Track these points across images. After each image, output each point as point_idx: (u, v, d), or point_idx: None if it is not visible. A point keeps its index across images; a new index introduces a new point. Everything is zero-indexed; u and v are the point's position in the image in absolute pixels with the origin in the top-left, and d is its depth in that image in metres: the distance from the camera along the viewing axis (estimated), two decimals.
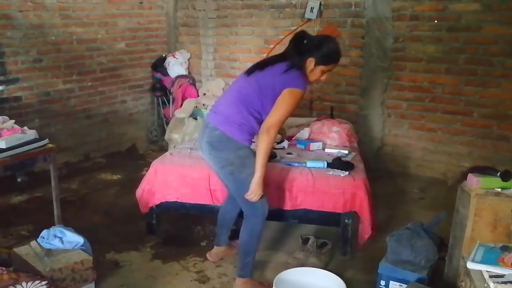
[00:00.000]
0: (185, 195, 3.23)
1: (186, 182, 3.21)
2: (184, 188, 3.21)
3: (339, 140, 3.81)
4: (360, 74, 4.81)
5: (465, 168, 4.11)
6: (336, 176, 3.09)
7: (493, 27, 4.07)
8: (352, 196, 3.00)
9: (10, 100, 4.34)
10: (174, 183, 3.23)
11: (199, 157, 3.26)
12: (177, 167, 3.28)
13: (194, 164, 3.28)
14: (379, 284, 2.60)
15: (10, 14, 4.26)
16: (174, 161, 3.39)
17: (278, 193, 3.07)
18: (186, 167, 3.27)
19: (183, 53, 5.75)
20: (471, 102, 4.29)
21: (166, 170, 3.28)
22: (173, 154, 3.52)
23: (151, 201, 3.30)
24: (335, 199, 3.01)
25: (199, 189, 3.18)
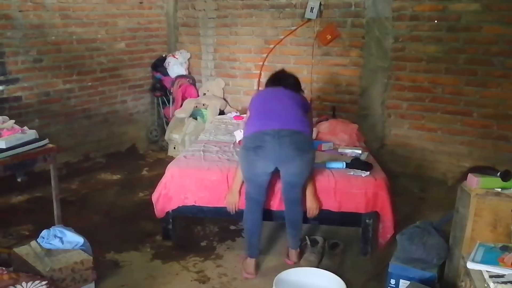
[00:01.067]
0: (203, 199, 3.16)
1: (204, 185, 3.15)
2: (202, 191, 3.15)
3: (349, 140, 3.81)
4: (360, 74, 4.81)
5: (465, 168, 4.10)
6: (357, 177, 3.09)
7: (493, 27, 4.07)
8: (374, 196, 3.02)
9: (10, 100, 4.34)
10: (191, 187, 3.17)
11: (214, 159, 3.37)
12: (195, 170, 3.22)
13: (212, 167, 3.23)
14: (389, 283, 2.59)
15: (10, 14, 4.25)
16: (190, 164, 3.31)
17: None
18: (204, 170, 3.21)
19: (183, 53, 5.75)
20: (471, 102, 4.29)
21: (183, 173, 3.21)
22: (187, 157, 3.44)
23: (168, 205, 3.22)
24: (357, 200, 3.02)
25: (217, 192, 3.12)
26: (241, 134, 3.77)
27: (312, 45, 4.97)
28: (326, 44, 4.87)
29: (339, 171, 3.17)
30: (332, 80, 4.98)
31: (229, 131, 4.23)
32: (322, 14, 4.86)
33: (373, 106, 4.77)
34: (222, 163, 3.30)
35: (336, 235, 3.41)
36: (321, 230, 3.49)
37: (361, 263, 3.11)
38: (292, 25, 5.07)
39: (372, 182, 3.04)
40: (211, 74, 5.78)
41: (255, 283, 2.89)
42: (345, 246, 3.26)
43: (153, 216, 3.71)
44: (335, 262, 3.03)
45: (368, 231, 3.11)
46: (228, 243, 3.37)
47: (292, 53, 5.16)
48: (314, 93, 5.10)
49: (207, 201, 3.16)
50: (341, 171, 3.17)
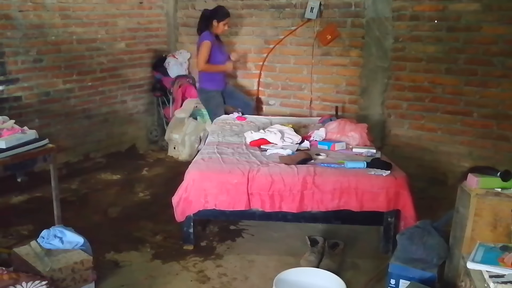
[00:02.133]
0: (223, 202, 3.11)
1: (225, 188, 3.09)
2: (222, 194, 3.10)
3: (360, 140, 3.81)
4: (360, 74, 4.81)
5: (465, 168, 4.10)
6: (378, 176, 3.10)
7: (493, 27, 4.07)
8: (396, 195, 3.06)
9: (10, 100, 4.34)
10: (212, 190, 3.11)
11: (233, 162, 3.32)
12: (216, 174, 3.15)
13: (233, 170, 3.17)
14: (389, 283, 2.59)
15: (10, 14, 4.25)
16: (210, 167, 3.24)
17: (321, 195, 3.06)
18: (225, 173, 3.15)
19: (183, 53, 5.75)
20: (471, 102, 4.29)
21: (204, 177, 3.14)
22: (205, 160, 3.37)
23: (188, 209, 3.15)
24: (379, 199, 3.05)
25: (237, 194, 3.08)
26: (252, 135, 3.83)
27: (312, 45, 4.97)
28: (326, 44, 4.87)
29: (359, 171, 3.17)
30: (332, 80, 4.98)
31: (236, 132, 4.20)
32: (322, 14, 4.86)
33: (373, 106, 4.77)
34: (243, 165, 3.24)
35: (336, 235, 3.41)
36: (321, 230, 3.49)
37: (361, 263, 3.11)
38: (292, 25, 5.07)
39: (393, 181, 3.07)
40: None
41: (255, 283, 2.89)
42: (345, 246, 3.26)
43: (153, 216, 3.72)
44: (335, 262, 3.03)
45: (390, 229, 3.16)
46: (228, 243, 3.37)
47: (292, 53, 5.16)
48: (314, 93, 5.11)
49: (227, 205, 3.11)
50: (361, 171, 3.17)
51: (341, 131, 3.88)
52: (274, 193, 3.07)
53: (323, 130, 3.97)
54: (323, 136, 3.90)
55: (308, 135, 3.97)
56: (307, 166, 3.20)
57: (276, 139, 3.75)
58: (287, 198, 3.07)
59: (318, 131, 3.98)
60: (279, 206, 3.09)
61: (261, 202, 3.09)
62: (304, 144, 3.77)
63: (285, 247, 3.28)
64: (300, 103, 5.23)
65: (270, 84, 5.41)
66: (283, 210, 3.10)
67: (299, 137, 3.83)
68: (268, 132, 3.87)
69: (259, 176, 3.09)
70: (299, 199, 3.06)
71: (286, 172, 3.13)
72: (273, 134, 3.81)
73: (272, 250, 3.25)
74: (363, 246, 3.33)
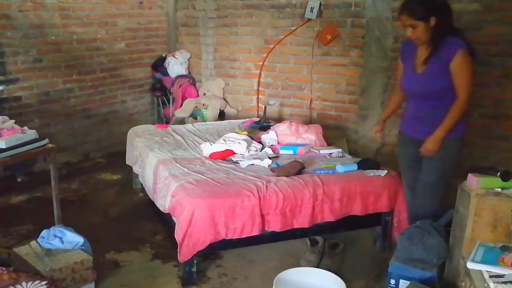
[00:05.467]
0: (235, 230, 2.77)
1: (235, 213, 2.75)
2: (233, 221, 2.76)
3: (317, 141, 3.75)
4: (360, 74, 4.80)
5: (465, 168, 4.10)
6: (378, 177, 3.11)
7: (493, 27, 4.06)
8: (395, 194, 3.10)
9: (10, 100, 4.34)
10: (221, 218, 2.73)
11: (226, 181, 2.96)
12: (222, 199, 2.76)
13: (239, 191, 2.83)
14: (389, 283, 2.59)
15: (10, 14, 4.26)
16: (210, 191, 2.82)
17: (330, 204, 2.96)
18: (232, 195, 2.79)
19: (183, 53, 5.75)
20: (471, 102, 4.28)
21: (209, 204, 2.73)
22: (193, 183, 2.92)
23: (197, 246, 2.73)
24: (381, 200, 3.07)
25: (250, 218, 2.77)
26: (212, 147, 3.52)
27: (312, 45, 4.97)
28: (326, 44, 4.87)
29: (358, 174, 3.13)
30: (332, 80, 4.98)
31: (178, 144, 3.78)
32: (322, 14, 4.86)
33: (373, 106, 4.77)
34: (245, 184, 2.92)
35: (336, 235, 3.41)
36: None
37: (361, 263, 3.11)
38: (292, 25, 5.07)
39: (392, 180, 3.11)
40: (211, 74, 5.78)
41: (255, 283, 2.89)
42: (345, 246, 3.26)
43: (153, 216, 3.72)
44: (335, 262, 3.03)
45: (387, 227, 3.19)
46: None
47: (292, 53, 5.16)
48: (314, 93, 5.10)
49: (240, 232, 2.78)
50: (359, 174, 3.14)
51: (296, 134, 3.76)
52: (286, 210, 2.86)
53: (274, 133, 3.80)
54: (275, 139, 3.75)
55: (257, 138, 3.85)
56: (310, 176, 3.05)
57: (242, 149, 3.50)
58: (298, 214, 2.90)
59: (268, 134, 3.81)
60: (291, 224, 2.90)
61: (274, 223, 2.86)
62: (267, 151, 3.58)
63: (285, 247, 3.28)
64: (300, 103, 5.23)
65: (270, 84, 5.41)
66: (294, 227, 2.92)
67: (260, 145, 3.66)
68: (230, 142, 3.55)
69: (269, 195, 2.83)
70: (311, 213, 2.92)
71: (294, 186, 2.92)
72: (238, 143, 3.53)
73: (272, 250, 3.25)
74: (363, 246, 3.33)
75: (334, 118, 5.04)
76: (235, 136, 3.66)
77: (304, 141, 3.73)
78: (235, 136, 3.68)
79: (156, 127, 4.34)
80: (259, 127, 4.26)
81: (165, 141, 3.85)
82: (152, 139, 3.88)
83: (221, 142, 3.58)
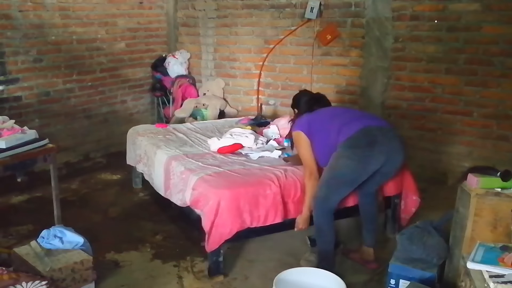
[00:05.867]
0: (259, 218, 2.84)
1: (259, 202, 2.83)
2: (257, 209, 2.83)
3: None
4: (360, 74, 4.81)
5: (465, 168, 4.10)
6: None
7: (493, 27, 4.07)
8: (402, 178, 3.26)
9: (10, 100, 4.34)
10: (246, 207, 2.80)
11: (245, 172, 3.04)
12: (246, 188, 2.84)
13: (260, 180, 2.92)
14: (389, 283, 2.59)
15: (10, 14, 4.26)
16: (233, 181, 2.90)
17: None
18: (255, 184, 2.88)
19: (183, 53, 5.75)
20: (471, 102, 4.29)
21: (234, 194, 2.79)
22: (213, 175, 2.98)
23: (225, 234, 2.78)
24: (394, 184, 3.22)
25: (273, 206, 2.85)
26: (220, 141, 3.58)
27: (312, 45, 4.97)
28: (326, 44, 4.87)
29: None
30: (332, 80, 4.98)
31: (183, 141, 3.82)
32: (322, 14, 4.86)
33: (373, 106, 4.77)
34: (263, 173, 3.01)
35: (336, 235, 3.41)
36: None
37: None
38: (292, 25, 5.07)
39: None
40: (211, 74, 5.78)
41: (255, 283, 2.89)
42: (345, 246, 3.25)
43: (153, 216, 3.72)
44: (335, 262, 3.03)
45: (396, 210, 3.35)
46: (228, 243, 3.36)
47: (292, 53, 5.16)
48: None
49: (264, 220, 2.85)
50: None
51: None
52: (301, 198, 2.93)
53: (275, 127, 3.92)
54: (277, 133, 3.87)
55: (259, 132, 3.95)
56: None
57: (250, 142, 3.60)
58: None
59: (270, 129, 3.93)
60: None
61: (293, 210, 2.94)
62: (272, 143, 3.68)
63: (285, 247, 3.28)
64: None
65: (270, 84, 5.41)
66: None
67: (265, 138, 3.79)
68: (237, 136, 3.64)
69: (288, 183, 2.93)
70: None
71: None
72: (245, 137, 3.62)
73: (272, 250, 3.25)
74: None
75: None
76: (241, 131, 3.75)
77: None
78: (241, 130, 3.77)
79: (156, 126, 4.33)
80: (257, 124, 4.30)
81: (169, 139, 3.86)
82: (156, 138, 3.89)
83: (228, 137, 3.65)
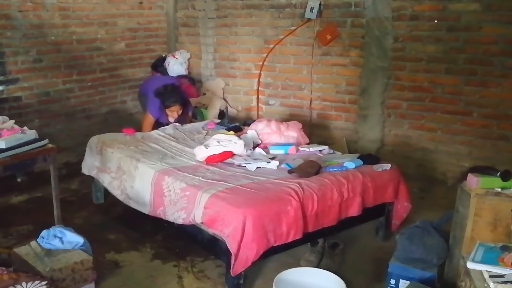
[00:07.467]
0: (282, 235, 2.72)
1: (281, 219, 2.70)
2: (280, 227, 2.70)
3: (300, 138, 3.76)
4: (360, 74, 4.81)
5: (465, 168, 4.10)
6: (384, 171, 3.27)
7: (493, 27, 4.07)
8: (398, 184, 3.30)
9: (10, 100, 4.34)
10: (270, 226, 2.66)
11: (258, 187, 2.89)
12: (268, 205, 2.70)
13: (280, 196, 2.78)
14: (389, 283, 2.59)
15: (10, 14, 4.26)
16: (251, 198, 2.74)
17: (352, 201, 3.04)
18: (275, 201, 2.74)
19: (183, 53, 5.75)
20: (471, 102, 4.29)
21: (258, 212, 2.63)
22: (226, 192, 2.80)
23: (252, 256, 2.62)
24: (387, 191, 3.25)
25: (294, 222, 2.74)
26: (208, 150, 3.33)
27: (312, 45, 4.97)
28: (326, 44, 4.87)
29: (366, 169, 3.22)
30: (332, 80, 4.98)
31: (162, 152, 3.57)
32: (322, 14, 4.86)
33: (373, 106, 4.77)
34: (277, 186, 2.89)
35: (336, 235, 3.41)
36: None
37: (361, 263, 3.11)
38: (292, 25, 5.07)
39: (396, 173, 3.31)
40: (211, 74, 5.79)
41: (255, 283, 2.89)
42: (345, 246, 3.26)
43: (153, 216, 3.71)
44: (335, 262, 3.03)
45: (389, 217, 3.37)
46: None
47: (292, 53, 5.16)
48: (314, 93, 5.10)
49: (286, 237, 2.74)
50: (367, 169, 3.23)
51: (278, 131, 3.73)
52: (318, 212, 2.87)
53: (254, 132, 3.74)
54: (256, 137, 3.71)
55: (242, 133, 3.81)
56: (332, 175, 3.07)
57: (240, 149, 3.37)
58: (328, 213, 2.93)
59: (248, 134, 3.73)
60: (322, 223, 2.93)
61: (309, 224, 2.86)
62: (260, 151, 3.50)
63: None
64: (300, 103, 5.23)
65: (270, 84, 5.41)
66: (324, 226, 2.96)
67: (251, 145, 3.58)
68: (225, 143, 3.38)
69: (306, 197, 2.83)
70: (338, 210, 2.97)
71: (323, 186, 2.93)
72: (234, 144, 3.38)
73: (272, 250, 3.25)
74: (363, 246, 3.33)
75: (334, 118, 5.05)
76: (226, 137, 3.48)
77: (287, 139, 3.71)
78: (226, 137, 3.49)
79: (123, 131, 4.08)
80: (227, 128, 4.10)
81: (144, 150, 3.59)
82: (128, 149, 3.61)
83: (216, 145, 3.37)
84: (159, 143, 3.80)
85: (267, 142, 3.70)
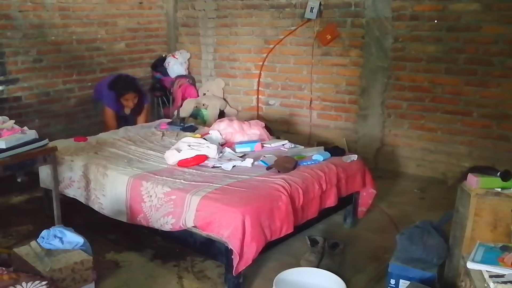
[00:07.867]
0: (276, 231, 2.77)
1: (274, 214, 2.75)
2: (274, 223, 2.74)
3: (264, 135, 3.83)
4: (360, 74, 4.81)
5: (465, 168, 4.09)
6: (352, 161, 3.42)
7: (493, 27, 4.07)
8: (364, 174, 3.47)
9: (10, 100, 4.34)
10: (266, 222, 2.71)
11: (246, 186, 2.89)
12: (261, 203, 2.72)
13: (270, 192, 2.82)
14: (389, 283, 2.59)
15: (10, 14, 4.26)
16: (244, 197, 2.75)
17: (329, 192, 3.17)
18: (267, 198, 2.77)
19: (183, 53, 5.76)
20: (471, 102, 4.29)
21: (253, 210, 2.65)
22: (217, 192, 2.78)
23: (252, 253, 2.63)
24: (357, 181, 3.41)
25: (286, 217, 2.79)
26: (180, 154, 3.27)
27: (312, 45, 4.98)
28: (326, 44, 4.87)
29: (336, 161, 3.33)
30: (332, 80, 4.98)
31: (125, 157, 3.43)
32: (322, 14, 4.86)
33: (373, 106, 4.77)
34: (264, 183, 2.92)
35: (336, 235, 3.42)
36: (321, 230, 3.49)
37: (361, 263, 3.11)
38: (292, 25, 5.07)
39: (361, 163, 3.49)
40: (211, 74, 5.79)
41: (255, 283, 2.89)
42: (345, 246, 3.26)
43: None
44: (335, 262, 3.03)
45: (356, 204, 3.54)
46: None
47: (292, 53, 5.16)
48: (314, 93, 5.10)
49: (279, 232, 2.78)
50: (337, 160, 3.35)
51: (241, 131, 3.76)
52: (303, 205, 2.95)
53: (217, 132, 3.73)
54: (219, 137, 3.70)
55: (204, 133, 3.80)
56: (311, 168, 3.16)
57: (213, 152, 3.33)
58: (310, 206, 3.03)
59: (211, 135, 3.71)
60: (306, 216, 3.02)
61: (300, 216, 2.95)
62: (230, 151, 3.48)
63: (285, 247, 3.27)
64: (300, 103, 5.23)
65: (270, 84, 5.41)
66: (309, 219, 3.06)
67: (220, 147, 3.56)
68: (197, 147, 3.34)
69: (293, 191, 2.89)
70: (319, 203, 3.09)
71: (307, 180, 3.01)
72: (207, 148, 3.34)
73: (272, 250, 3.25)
74: (363, 246, 3.33)
75: (334, 118, 5.05)
76: (195, 140, 3.41)
77: (250, 137, 3.73)
78: (195, 140, 3.42)
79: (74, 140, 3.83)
80: (181, 129, 4.10)
81: (107, 156, 3.45)
82: (88, 155, 3.45)
83: (187, 148, 3.30)
84: (118, 148, 3.65)
85: (231, 142, 3.72)
